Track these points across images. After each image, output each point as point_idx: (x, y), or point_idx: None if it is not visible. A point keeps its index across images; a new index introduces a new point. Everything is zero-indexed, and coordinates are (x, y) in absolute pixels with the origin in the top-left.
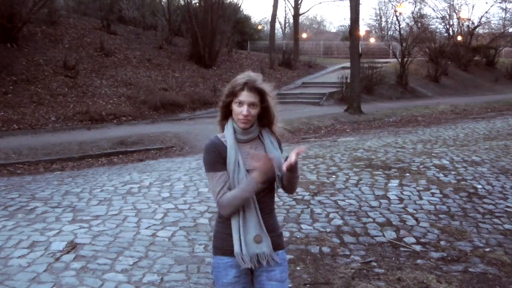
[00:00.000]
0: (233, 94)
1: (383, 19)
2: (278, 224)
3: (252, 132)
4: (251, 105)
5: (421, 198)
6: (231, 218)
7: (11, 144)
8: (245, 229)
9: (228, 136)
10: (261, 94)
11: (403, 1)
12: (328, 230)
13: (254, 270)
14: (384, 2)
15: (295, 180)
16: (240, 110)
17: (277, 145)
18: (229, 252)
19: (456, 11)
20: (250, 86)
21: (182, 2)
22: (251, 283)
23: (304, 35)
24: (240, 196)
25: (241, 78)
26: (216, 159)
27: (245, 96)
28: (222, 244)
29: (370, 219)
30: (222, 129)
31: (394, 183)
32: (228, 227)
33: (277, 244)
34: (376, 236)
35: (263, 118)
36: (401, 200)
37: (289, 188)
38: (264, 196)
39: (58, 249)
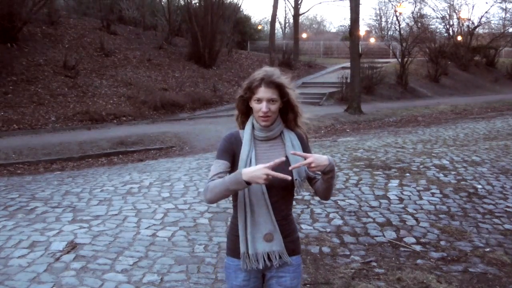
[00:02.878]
0: (251, 91)
1: (383, 19)
2: (295, 229)
3: (272, 130)
4: (270, 101)
5: (421, 198)
6: (238, 217)
7: (11, 144)
8: (254, 228)
9: (245, 132)
10: (279, 88)
11: (403, 1)
12: (328, 230)
13: (266, 273)
14: (384, 2)
15: (329, 182)
16: (260, 107)
17: (300, 149)
18: (239, 254)
19: (456, 11)
20: (268, 81)
21: (182, 2)
22: (262, 287)
23: (304, 35)
24: (221, 185)
25: (257, 74)
26: (225, 148)
27: (263, 92)
28: (233, 246)
29: (370, 219)
30: (240, 127)
31: (394, 183)
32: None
33: (292, 249)
34: (376, 236)
35: (288, 113)
36: (401, 200)
37: (323, 194)
38: (279, 200)
39: (58, 249)
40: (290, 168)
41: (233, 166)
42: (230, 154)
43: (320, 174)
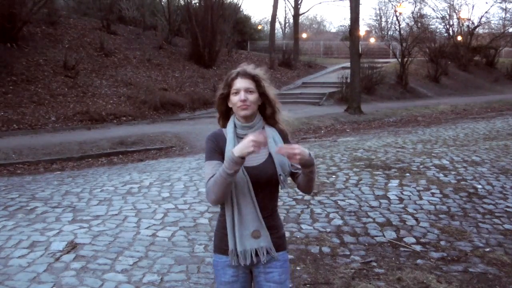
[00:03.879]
0: (228, 85)
1: (383, 19)
2: (281, 225)
3: (253, 127)
4: (247, 91)
5: (421, 198)
6: (226, 215)
7: (11, 144)
8: (241, 225)
9: (228, 131)
10: (255, 80)
11: (403, 1)
12: (328, 230)
13: (253, 270)
14: (384, 2)
15: (310, 176)
16: (238, 98)
17: (282, 143)
18: (227, 251)
19: (456, 11)
20: (243, 73)
21: (182, 2)
22: (250, 283)
23: (304, 35)
24: (220, 176)
25: (234, 70)
26: (213, 148)
27: (239, 82)
28: (220, 243)
29: (370, 219)
30: (223, 127)
31: (394, 183)
32: (225, 226)
33: (278, 245)
34: (376, 236)
35: (266, 108)
36: (401, 200)
37: (305, 187)
38: (264, 196)
39: (58, 249)
40: (275, 151)
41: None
42: (219, 152)
43: (300, 169)
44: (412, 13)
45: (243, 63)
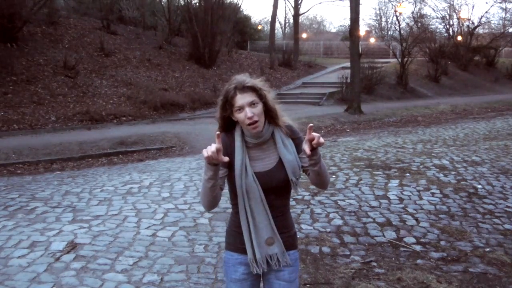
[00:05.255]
0: (229, 104)
1: (383, 19)
2: (292, 224)
3: (262, 137)
4: (251, 104)
5: (421, 198)
6: (241, 220)
7: (11, 144)
8: (256, 233)
9: (236, 139)
10: (254, 90)
11: (403, 1)
12: (328, 230)
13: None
14: (384, 2)
15: (321, 170)
16: (244, 116)
17: (292, 148)
18: (240, 249)
19: (456, 11)
20: (241, 87)
21: (182, 2)
22: (259, 281)
23: (304, 35)
24: (202, 181)
25: (229, 85)
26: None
27: (241, 99)
28: (234, 241)
29: (370, 219)
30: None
31: (394, 183)
32: (239, 226)
33: (290, 244)
34: (376, 236)
35: (267, 116)
36: (401, 200)
37: (319, 182)
38: (275, 199)
39: (58, 249)
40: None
41: (230, 167)
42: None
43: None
44: (412, 13)
45: (238, 75)
